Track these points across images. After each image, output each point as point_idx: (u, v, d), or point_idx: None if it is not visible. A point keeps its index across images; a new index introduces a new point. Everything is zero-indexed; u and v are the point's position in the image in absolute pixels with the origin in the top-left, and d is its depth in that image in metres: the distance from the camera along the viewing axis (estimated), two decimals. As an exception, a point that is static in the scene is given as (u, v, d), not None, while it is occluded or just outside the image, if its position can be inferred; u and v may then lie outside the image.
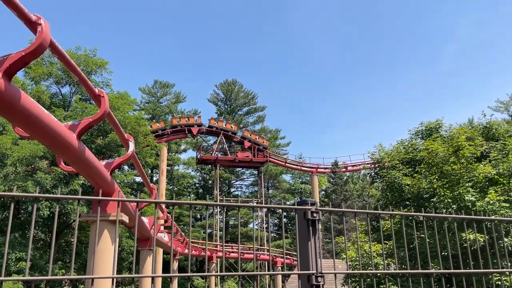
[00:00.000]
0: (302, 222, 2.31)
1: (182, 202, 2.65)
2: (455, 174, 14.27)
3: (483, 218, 4.93)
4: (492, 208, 12.66)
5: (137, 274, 30.08)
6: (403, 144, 19.23)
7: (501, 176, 14.11)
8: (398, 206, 16.10)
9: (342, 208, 10.19)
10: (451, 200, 13.72)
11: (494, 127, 17.23)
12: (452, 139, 15.34)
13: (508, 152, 14.92)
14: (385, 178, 17.08)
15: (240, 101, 68.67)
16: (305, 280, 2.20)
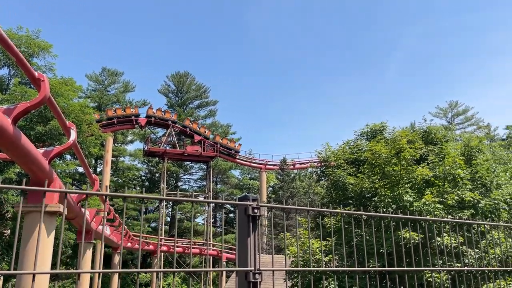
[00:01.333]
0: (242, 218, 2.27)
1: (135, 196, 2.51)
2: (396, 175, 14.90)
3: (418, 218, 5.15)
4: (428, 208, 13.35)
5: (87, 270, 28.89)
6: (349, 144, 19.81)
7: (437, 179, 14.90)
8: (342, 205, 16.57)
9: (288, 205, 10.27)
10: (391, 200, 14.31)
11: (433, 131, 18.15)
12: (395, 142, 16.00)
13: (444, 156, 15.77)
14: (330, 177, 17.52)
15: (192, 94, 67.77)
16: (242, 277, 2.16)
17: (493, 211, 14.62)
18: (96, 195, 3.74)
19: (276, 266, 24.45)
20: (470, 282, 12.56)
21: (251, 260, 2.18)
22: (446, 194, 13.97)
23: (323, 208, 15.77)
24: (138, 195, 2.44)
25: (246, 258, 2.17)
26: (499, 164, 18.87)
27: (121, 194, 2.37)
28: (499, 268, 6.27)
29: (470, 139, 17.58)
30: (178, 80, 67.30)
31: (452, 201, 13.82)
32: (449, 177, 14.64)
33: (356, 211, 15.08)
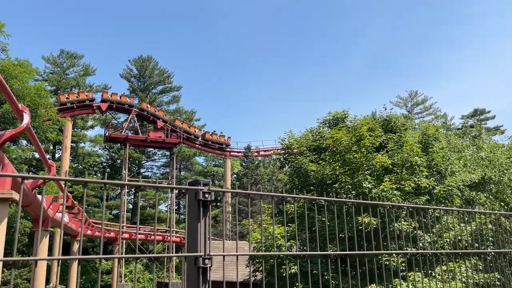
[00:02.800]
0: (193, 203, 2.22)
1: (96, 181, 2.38)
2: (356, 162, 15.24)
3: (378, 203, 5.25)
4: (386, 195, 13.76)
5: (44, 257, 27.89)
6: (312, 132, 20.05)
7: (395, 166, 15.36)
8: (303, 191, 16.81)
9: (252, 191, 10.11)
10: (351, 187, 14.65)
11: (392, 120, 18.64)
12: (356, 130, 16.33)
13: (402, 144, 16.26)
14: (293, 164, 17.71)
15: (155, 78, 66.31)
16: (192, 262, 2.13)
17: (447, 197, 15.28)
18: (55, 180, 3.57)
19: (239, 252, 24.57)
20: (424, 265, 13.13)
21: (201, 245, 2.15)
22: (403, 181, 14.43)
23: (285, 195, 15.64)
24: (99, 181, 2.33)
25: (196, 244, 2.14)
26: (454, 152, 19.69)
27: (81, 179, 2.25)
28: (451, 250, 6.54)
29: (428, 128, 18.19)
30: (140, 64, 65.63)
31: (409, 187, 14.30)
32: (406, 164, 15.12)
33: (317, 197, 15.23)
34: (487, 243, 11.29)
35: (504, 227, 8.64)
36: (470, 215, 15.83)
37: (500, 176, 19.13)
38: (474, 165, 19.18)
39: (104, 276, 48.25)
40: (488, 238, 11.58)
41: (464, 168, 18.17)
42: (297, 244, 4.97)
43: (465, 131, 26.74)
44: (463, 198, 17.07)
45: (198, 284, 2.06)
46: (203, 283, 2.07)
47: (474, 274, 11.60)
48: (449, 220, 11.93)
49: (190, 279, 2.09)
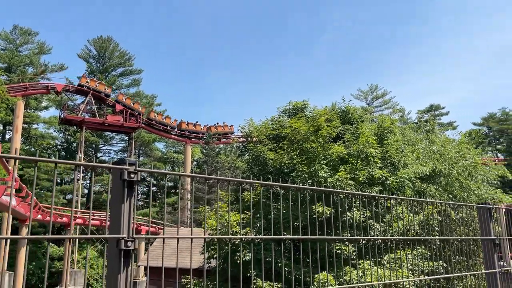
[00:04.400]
0: (117, 183, 2.08)
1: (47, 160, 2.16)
2: (313, 152, 15.40)
3: (333, 191, 5.23)
4: (341, 184, 14.00)
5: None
6: (272, 120, 20.08)
7: (351, 156, 15.65)
8: (261, 179, 16.86)
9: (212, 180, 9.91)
10: (307, 175, 14.80)
11: (350, 112, 18.95)
12: (314, 120, 16.47)
13: (359, 135, 16.57)
14: (252, 152, 17.69)
15: (115, 60, 64.24)
16: (114, 244, 1.99)
17: (399, 188, 15.74)
18: (2, 158, 3.26)
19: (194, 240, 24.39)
20: (374, 253, 13.52)
21: (124, 227, 2.02)
22: (358, 171, 14.73)
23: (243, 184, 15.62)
24: (50, 160, 2.14)
25: (119, 225, 2.00)
26: (408, 145, 20.29)
27: (31, 157, 2.05)
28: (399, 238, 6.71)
29: (384, 121, 18.62)
30: (100, 45, 63.30)
31: (363, 177, 14.62)
32: (362, 155, 15.43)
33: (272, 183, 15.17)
34: (434, 233, 11.71)
35: (451, 218, 8.98)
36: (420, 206, 16.40)
37: (450, 169, 19.91)
38: (426, 158, 19.85)
39: (56, 263, 46.77)
40: (434, 228, 12.02)
41: (416, 160, 18.76)
42: (253, 231, 4.95)
43: (419, 125, 27.63)
44: (414, 190, 17.65)
45: (120, 267, 1.93)
46: (124, 265, 1.95)
47: (420, 262, 12.04)
48: (399, 210, 12.30)
49: (111, 262, 1.96)
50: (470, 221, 7.29)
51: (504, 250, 15.25)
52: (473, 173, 21.09)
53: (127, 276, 1.93)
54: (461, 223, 7.74)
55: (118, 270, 1.92)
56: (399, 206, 14.06)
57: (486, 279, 4.16)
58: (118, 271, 1.92)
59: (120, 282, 1.90)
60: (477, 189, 20.78)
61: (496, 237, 4.39)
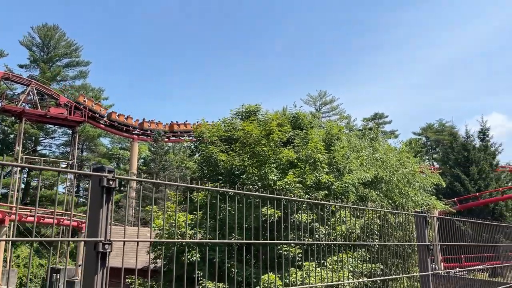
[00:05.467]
0: (96, 189, 2.19)
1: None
2: (264, 155, 15.74)
3: (280, 197, 5.47)
4: (289, 187, 14.43)
5: None
6: (225, 122, 20.23)
7: (300, 161, 16.16)
8: (212, 180, 16.96)
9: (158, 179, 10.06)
10: (257, 178, 15.11)
11: (301, 117, 19.53)
12: (266, 124, 16.83)
13: (308, 141, 17.13)
14: (203, 153, 17.74)
15: (61, 50, 61.42)
16: (91, 247, 2.10)
17: (343, 192, 16.46)
18: None
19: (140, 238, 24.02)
20: (318, 255, 14.07)
21: (102, 230, 2.13)
22: (306, 175, 15.24)
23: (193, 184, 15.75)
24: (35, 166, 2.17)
25: (97, 229, 2.11)
26: (353, 151, 21.21)
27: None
28: (342, 242, 7.12)
29: (332, 128, 19.35)
30: (45, 33, 60.25)
31: (310, 181, 15.15)
32: (310, 160, 15.97)
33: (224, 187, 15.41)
34: (374, 237, 12.36)
35: (390, 223, 9.60)
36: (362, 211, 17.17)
37: (390, 176, 21.05)
38: (369, 165, 20.85)
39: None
40: (375, 232, 12.68)
41: (360, 167, 19.66)
42: (200, 232, 5.07)
43: (364, 132, 28.88)
44: (358, 195, 18.50)
45: (97, 269, 2.03)
46: (101, 267, 2.05)
47: (361, 264, 12.68)
48: (343, 214, 12.89)
49: (88, 264, 2.06)
50: (406, 225, 7.85)
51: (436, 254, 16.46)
52: (411, 181, 22.43)
53: (103, 277, 2.04)
54: (399, 227, 8.30)
55: (94, 272, 2.02)
56: (343, 211, 14.73)
57: (420, 280, 4.59)
58: (95, 272, 2.02)
59: (96, 283, 2.00)
60: (414, 195, 22.12)
61: (430, 243, 4.85)
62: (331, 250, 12.72)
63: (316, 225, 13.67)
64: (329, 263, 12.66)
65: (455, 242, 8.11)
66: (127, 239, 2.39)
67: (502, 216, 45.26)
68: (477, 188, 46.12)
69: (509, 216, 46.49)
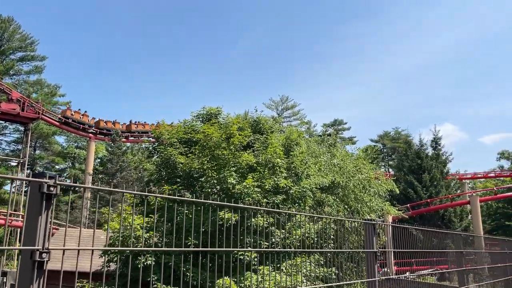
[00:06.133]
0: (35, 195, 2.09)
1: None
2: (223, 158, 15.69)
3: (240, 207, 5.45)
4: (248, 191, 14.46)
5: None
6: (185, 124, 20.01)
7: (259, 165, 16.24)
8: (170, 182, 16.71)
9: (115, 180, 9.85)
10: (216, 181, 15.04)
11: (262, 122, 19.64)
12: (227, 127, 16.79)
13: (268, 146, 17.25)
14: (162, 154, 17.46)
15: (15, 43, 58.72)
16: (27, 256, 2.01)
17: (301, 197, 16.68)
18: None
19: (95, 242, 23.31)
20: (274, 259, 14.18)
21: (40, 239, 2.04)
22: (264, 180, 15.33)
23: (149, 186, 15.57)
24: None
25: (35, 237, 2.02)
26: (312, 157, 21.56)
27: None
28: (297, 249, 7.23)
29: (291, 133, 19.59)
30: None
31: (269, 186, 15.24)
32: (269, 165, 16.08)
33: (182, 190, 15.23)
34: (329, 241, 12.57)
35: (346, 228, 9.83)
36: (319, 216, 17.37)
37: (347, 182, 21.55)
38: (327, 170, 21.25)
39: None
40: (330, 236, 12.91)
41: (318, 172, 20.01)
42: (156, 235, 4.97)
43: (323, 138, 29.41)
44: (315, 199, 18.81)
45: (32, 278, 1.94)
46: (37, 277, 1.97)
47: (316, 268, 12.88)
48: (300, 219, 13.06)
49: (23, 274, 1.96)
50: (361, 230, 8.08)
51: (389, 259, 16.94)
52: (367, 187, 23.05)
53: (40, 287, 1.94)
54: (354, 231, 8.50)
55: (30, 281, 1.93)
56: (299, 216, 14.93)
57: (367, 286, 4.73)
58: (30, 282, 1.93)
59: (31, 293, 1.90)
60: (370, 201, 22.75)
61: (377, 250, 5.00)
62: (286, 254, 12.82)
63: (273, 229, 13.78)
64: (285, 267, 12.78)
65: (407, 247, 8.41)
66: (67, 247, 2.31)
67: (450, 222, 47.41)
68: (429, 194, 48.07)
69: (457, 222, 48.76)
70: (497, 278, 14.75)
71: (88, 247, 7.43)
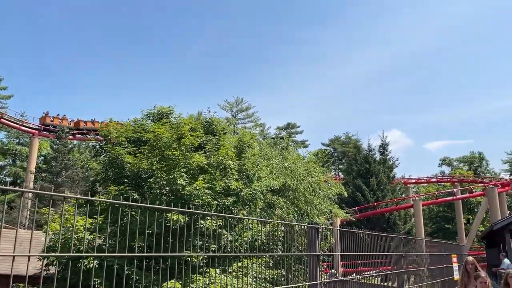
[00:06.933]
0: None
1: None
2: (174, 159, 15.36)
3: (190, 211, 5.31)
4: (198, 193, 14.25)
5: None
6: (135, 122, 19.45)
7: (210, 167, 16.05)
8: (117, 183, 16.15)
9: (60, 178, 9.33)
10: (165, 182, 14.69)
11: (214, 123, 19.47)
12: (178, 127, 16.48)
13: (220, 147, 17.11)
14: (109, 153, 16.85)
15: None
16: None
17: (251, 199, 16.67)
18: None
19: (34, 243, 22.10)
20: (222, 262, 14.05)
21: None
22: (215, 181, 15.17)
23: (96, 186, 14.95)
24: None
25: None
26: (264, 159, 21.66)
27: None
28: (246, 253, 7.20)
29: (244, 135, 19.57)
30: None
31: (219, 188, 15.10)
32: (220, 166, 15.95)
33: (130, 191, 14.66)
34: (278, 244, 12.62)
35: (294, 229, 9.90)
36: (269, 217, 17.43)
37: (298, 185, 21.84)
38: (278, 173, 21.43)
39: None
40: (279, 238, 12.96)
41: (270, 175, 20.13)
42: (100, 236, 4.76)
43: (276, 141, 29.67)
44: (266, 201, 18.89)
45: None
46: None
47: (264, 271, 12.90)
48: (248, 222, 13.03)
49: None
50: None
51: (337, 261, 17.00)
52: (316, 189, 23.47)
53: None
54: (303, 234, 8.57)
55: None
56: (249, 220, 14.90)
57: (309, 290, 4.75)
58: None
59: None
60: (319, 203, 23.18)
61: (320, 253, 5.04)
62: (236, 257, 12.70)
63: (223, 232, 13.66)
64: (233, 270, 12.70)
65: (354, 249, 8.60)
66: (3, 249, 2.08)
67: (395, 225, 49.39)
68: (376, 198, 49.84)
69: (401, 225, 50.88)
70: (436, 278, 15.46)
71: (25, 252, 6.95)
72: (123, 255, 5.47)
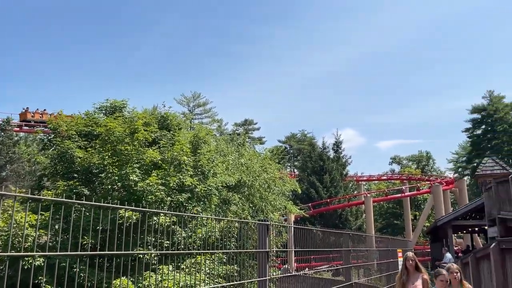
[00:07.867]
0: None
1: None
2: (126, 154, 15.01)
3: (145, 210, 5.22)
4: (151, 189, 14.01)
5: None
6: (87, 115, 18.79)
7: (165, 162, 15.82)
8: (67, 178, 15.59)
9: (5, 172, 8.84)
10: (117, 178, 14.34)
11: (169, 118, 19.18)
12: (132, 122, 16.10)
13: (174, 143, 16.89)
14: (58, 147, 16.20)
15: None
16: None
17: (206, 195, 16.59)
18: None
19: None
20: (175, 258, 13.90)
21: None
22: (169, 177, 14.98)
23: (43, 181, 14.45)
24: None
25: None
26: (220, 155, 21.61)
27: None
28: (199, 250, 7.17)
29: (200, 131, 19.43)
30: None
31: (174, 184, 14.93)
32: (175, 162, 15.76)
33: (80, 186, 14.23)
34: (232, 240, 12.67)
35: (248, 225, 9.98)
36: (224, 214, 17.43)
37: (253, 181, 21.97)
38: (234, 169, 21.45)
39: None
40: (233, 235, 13.01)
41: (225, 171, 20.11)
42: (47, 233, 4.57)
43: (232, 137, 29.69)
44: (221, 198, 18.86)
45: None
46: None
47: (218, 267, 12.91)
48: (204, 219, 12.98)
49: None
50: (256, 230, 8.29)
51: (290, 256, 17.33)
52: (271, 186, 23.72)
53: None
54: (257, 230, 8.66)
55: None
56: (205, 213, 14.84)
57: (258, 286, 4.82)
58: None
59: None
60: (274, 200, 23.45)
61: (269, 250, 5.14)
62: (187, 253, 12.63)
63: (176, 228, 13.52)
64: (186, 266, 12.61)
65: (307, 245, 8.80)
66: None
67: (347, 220, 50.89)
68: (329, 194, 51.10)
69: (353, 221, 52.49)
70: (383, 273, 16.11)
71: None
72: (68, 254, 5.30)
